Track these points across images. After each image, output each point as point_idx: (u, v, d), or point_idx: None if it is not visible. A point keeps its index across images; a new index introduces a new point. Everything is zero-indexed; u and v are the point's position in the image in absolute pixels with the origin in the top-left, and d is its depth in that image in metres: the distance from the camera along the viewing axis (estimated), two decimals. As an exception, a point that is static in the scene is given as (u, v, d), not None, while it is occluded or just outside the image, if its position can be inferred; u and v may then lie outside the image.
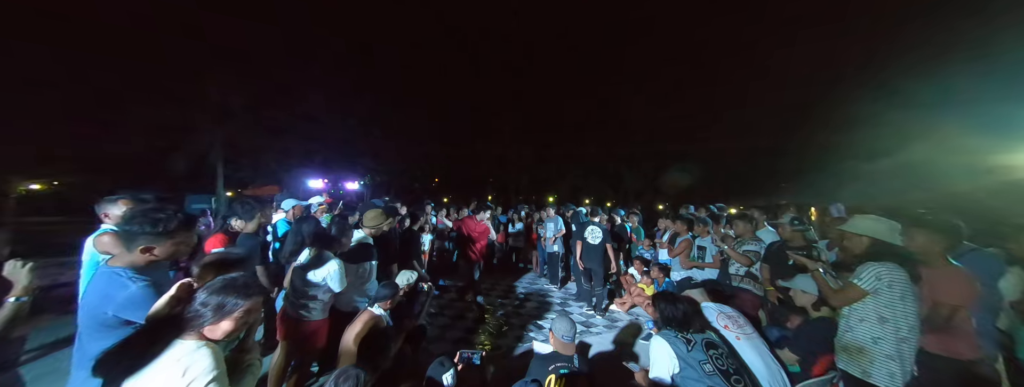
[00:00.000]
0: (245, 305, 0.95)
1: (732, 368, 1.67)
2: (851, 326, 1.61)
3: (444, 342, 3.18)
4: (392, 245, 3.31)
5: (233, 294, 0.94)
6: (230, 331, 0.95)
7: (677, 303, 1.88)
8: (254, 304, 0.98)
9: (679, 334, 1.76)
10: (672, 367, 1.66)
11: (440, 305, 4.27)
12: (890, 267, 1.52)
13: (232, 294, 0.94)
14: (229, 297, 0.93)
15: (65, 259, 5.21)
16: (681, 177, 17.93)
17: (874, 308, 1.54)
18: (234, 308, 0.94)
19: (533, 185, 21.74)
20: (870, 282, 1.54)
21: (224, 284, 0.95)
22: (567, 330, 1.95)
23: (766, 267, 2.92)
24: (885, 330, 1.50)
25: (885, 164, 11.88)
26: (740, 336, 1.98)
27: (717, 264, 3.33)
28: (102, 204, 1.89)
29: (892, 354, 1.48)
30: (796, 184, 15.44)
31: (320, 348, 2.09)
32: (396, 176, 20.46)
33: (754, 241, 3.09)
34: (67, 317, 2.77)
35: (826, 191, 11.91)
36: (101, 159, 14.52)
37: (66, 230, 2.35)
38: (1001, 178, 6.70)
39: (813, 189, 13.42)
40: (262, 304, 1.04)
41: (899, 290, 1.50)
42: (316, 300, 1.99)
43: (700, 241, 3.53)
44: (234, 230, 2.41)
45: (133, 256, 1.18)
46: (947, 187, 8.31)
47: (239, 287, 0.96)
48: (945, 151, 9.40)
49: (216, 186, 14.04)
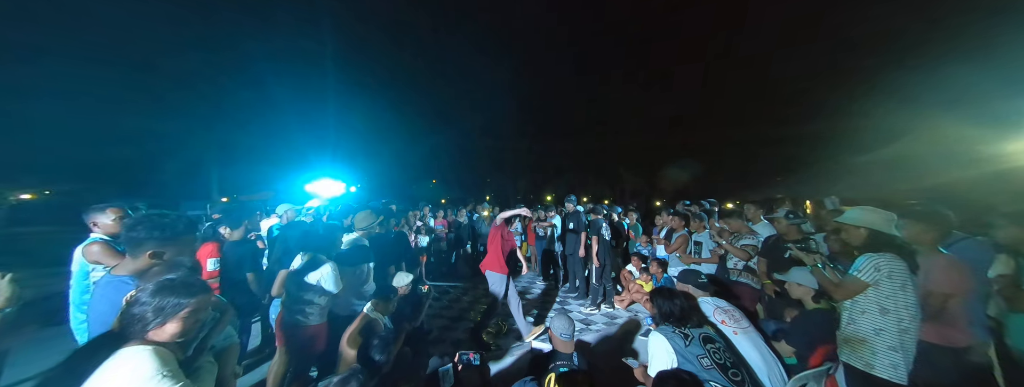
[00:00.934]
0: (189, 304, 0.93)
1: (730, 362, 1.67)
2: (853, 318, 1.61)
3: (444, 344, 3.17)
4: (386, 246, 3.30)
5: (172, 294, 0.91)
6: (179, 332, 0.93)
7: (674, 298, 1.88)
8: (199, 302, 0.96)
9: (677, 329, 1.77)
10: (670, 362, 1.67)
11: (439, 306, 4.26)
12: (888, 257, 1.52)
13: (170, 295, 0.91)
14: (168, 298, 0.91)
15: (56, 269, 5.13)
16: (678, 174, 18.04)
17: (875, 299, 1.53)
18: (176, 308, 0.91)
19: (531, 184, 21.77)
20: (870, 273, 1.53)
21: (161, 286, 0.93)
22: (566, 328, 1.95)
23: (763, 261, 2.94)
24: (887, 321, 1.50)
25: (878, 156, 12.03)
26: (737, 331, 1.99)
27: (715, 259, 3.35)
28: (90, 212, 1.85)
29: (895, 345, 1.48)
30: (791, 178, 15.58)
31: (319, 353, 2.08)
32: (394, 177, 20.40)
33: (751, 235, 3.11)
34: (55, 329, 2.73)
35: (821, 184, 12.03)
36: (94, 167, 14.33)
37: (58, 239, 2.32)
38: (990, 168, 6.82)
39: (808, 182, 13.54)
40: (209, 301, 1.00)
41: (899, 280, 1.49)
42: (312, 304, 1.97)
43: (697, 236, 3.55)
44: (222, 238, 2.39)
45: (138, 263, 1.18)
46: (938, 178, 8.43)
47: (177, 287, 0.93)
48: (935, 142, 9.54)
49: (210, 192, 13.91)
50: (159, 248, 1.19)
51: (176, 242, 1.22)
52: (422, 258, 5.19)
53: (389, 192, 19.44)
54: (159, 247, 1.18)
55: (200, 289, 0.98)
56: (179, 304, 0.92)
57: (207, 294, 1.00)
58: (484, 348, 2.99)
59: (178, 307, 0.92)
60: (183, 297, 0.93)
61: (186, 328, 0.94)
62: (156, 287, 0.92)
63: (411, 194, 19.36)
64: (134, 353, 0.86)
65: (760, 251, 3.00)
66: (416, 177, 22.13)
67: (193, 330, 0.97)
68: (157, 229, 1.17)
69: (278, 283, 2.13)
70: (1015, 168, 6.15)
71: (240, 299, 2.30)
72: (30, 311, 3.01)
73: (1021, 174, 5.98)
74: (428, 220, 5.69)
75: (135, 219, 1.22)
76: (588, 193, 19.50)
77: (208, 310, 1.02)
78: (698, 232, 3.55)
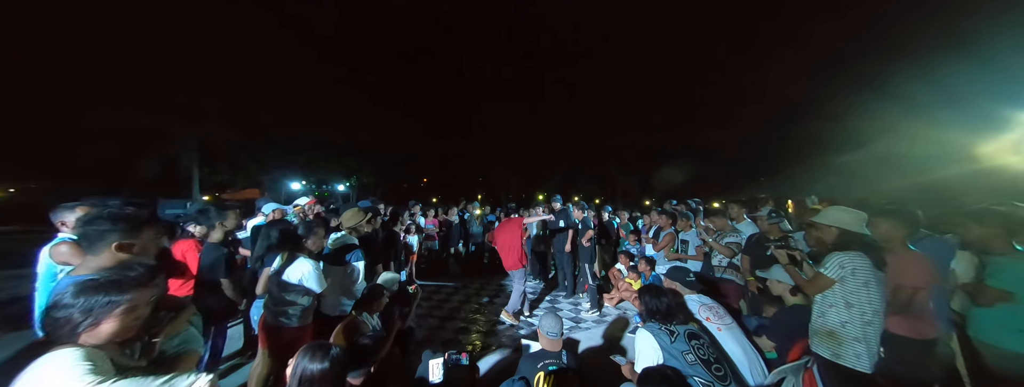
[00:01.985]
0: (122, 301, 0.87)
1: (713, 357, 1.72)
2: (822, 312, 1.70)
3: (433, 344, 3.15)
4: (376, 245, 3.26)
5: (99, 293, 0.86)
6: (115, 332, 0.87)
7: (661, 296, 1.92)
8: (135, 299, 0.89)
9: (663, 326, 1.81)
10: (656, 358, 1.70)
11: (429, 306, 4.23)
12: (853, 256, 1.61)
13: (97, 293, 0.86)
14: (95, 296, 0.85)
15: (23, 271, 4.89)
16: (668, 174, 18.36)
17: (841, 295, 1.62)
18: (107, 307, 0.85)
19: (522, 184, 21.79)
20: (835, 271, 1.62)
21: (85, 285, 0.87)
22: (553, 327, 1.97)
23: (747, 258, 3.03)
24: (851, 314, 1.59)
25: (857, 156, 12.48)
26: (721, 327, 2.05)
27: (700, 256, 3.43)
28: (59, 211, 1.78)
29: (859, 336, 1.57)
30: (775, 178, 16.03)
31: None
32: (383, 176, 20.10)
33: (735, 233, 3.20)
34: (24, 333, 2.60)
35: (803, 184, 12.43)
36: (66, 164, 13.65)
37: (28, 240, 2.19)
38: (967, 167, 7.14)
39: (791, 182, 13.96)
40: (150, 298, 0.94)
41: (862, 277, 1.58)
42: (295, 305, 1.93)
43: (683, 235, 3.63)
44: (196, 236, 2.30)
45: (101, 260, 1.12)
46: (915, 177, 8.79)
47: (105, 285, 0.88)
48: (914, 142, 9.95)
49: (192, 191, 13.43)
50: (126, 240, 1.13)
51: (140, 234, 1.16)
52: (412, 257, 5.15)
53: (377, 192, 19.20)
54: (126, 239, 1.13)
55: (135, 285, 0.91)
56: (111, 302, 0.86)
57: (147, 290, 0.93)
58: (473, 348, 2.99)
59: (110, 305, 0.85)
60: (115, 294, 0.86)
61: (124, 326, 0.88)
62: (79, 287, 0.86)
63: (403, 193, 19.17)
64: (61, 354, 0.80)
65: (743, 248, 3.09)
66: (408, 176, 21.86)
67: (133, 329, 0.91)
68: (118, 221, 1.11)
69: (262, 283, 2.07)
70: (990, 167, 6.44)
71: (215, 303, 2.23)
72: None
73: (996, 173, 6.25)
74: (418, 219, 5.64)
75: (91, 215, 1.15)
76: (579, 192, 19.67)
77: (149, 307, 0.95)
78: (684, 230, 3.62)
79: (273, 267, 2.00)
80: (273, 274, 1.96)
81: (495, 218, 6.85)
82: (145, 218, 1.19)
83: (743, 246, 3.09)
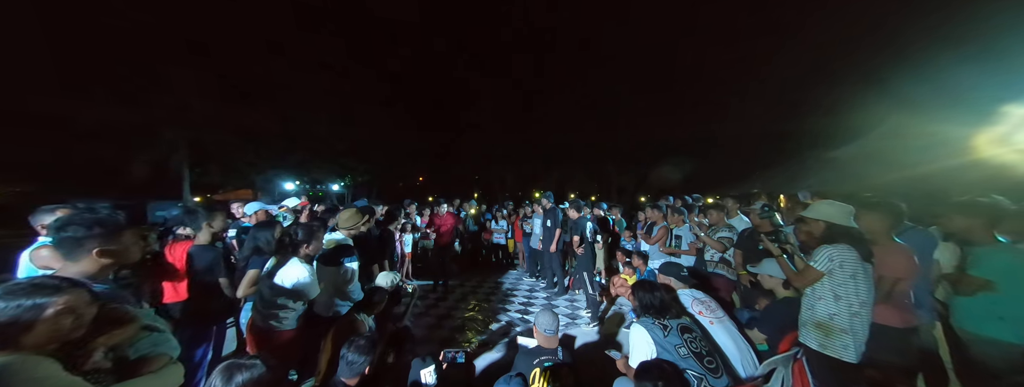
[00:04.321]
0: (50, 304, 0.83)
1: (705, 350, 1.74)
2: (811, 305, 1.72)
3: (430, 343, 3.16)
4: (371, 245, 3.23)
5: (20, 297, 0.82)
6: (50, 337, 0.83)
7: (655, 291, 1.94)
8: (66, 303, 0.85)
9: (656, 320, 1.82)
10: (650, 352, 1.72)
11: (425, 305, 4.23)
12: (841, 248, 1.63)
13: (22, 297, 0.82)
14: (16, 299, 0.81)
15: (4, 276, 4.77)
16: (663, 170, 18.47)
17: (829, 287, 1.65)
18: (33, 310, 0.82)
19: (518, 181, 21.78)
20: (824, 263, 1.65)
21: (5, 290, 0.83)
22: (549, 323, 1.98)
23: (739, 252, 3.07)
24: (839, 306, 1.62)
25: (849, 151, 12.64)
26: (713, 321, 2.07)
27: (693, 251, 3.47)
28: (38, 214, 1.73)
29: (846, 328, 1.60)
30: (768, 173, 16.21)
31: (295, 359, 2.02)
32: (379, 175, 19.94)
33: (727, 228, 3.24)
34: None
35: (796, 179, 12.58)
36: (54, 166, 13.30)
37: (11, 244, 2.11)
38: (955, 160, 7.27)
39: (784, 177, 14.13)
40: (85, 300, 0.90)
41: (850, 269, 1.61)
42: (287, 309, 1.90)
43: (677, 230, 3.66)
44: (186, 238, 2.27)
45: (81, 265, 1.09)
46: (904, 171, 8.93)
47: (26, 289, 0.83)
48: (904, 136, 10.09)
49: (182, 192, 13.20)
50: (104, 245, 1.09)
51: (119, 238, 1.12)
52: (407, 256, 5.13)
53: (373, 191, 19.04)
54: (104, 244, 1.09)
55: (62, 288, 0.86)
56: (35, 305, 0.82)
57: (80, 291, 0.89)
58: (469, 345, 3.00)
59: (36, 308, 0.82)
60: (38, 297, 0.83)
61: (59, 330, 0.84)
62: (5, 290, 0.82)
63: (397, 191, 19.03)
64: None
65: (735, 243, 3.13)
66: (403, 174, 21.71)
67: (72, 333, 0.87)
68: (95, 225, 1.07)
69: (246, 284, 2.03)
70: (977, 160, 6.56)
71: (209, 304, 2.20)
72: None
73: (982, 166, 6.37)
74: (414, 218, 5.60)
75: (64, 219, 1.10)
76: (575, 189, 19.72)
77: (90, 309, 0.90)
78: (677, 226, 3.66)
79: (264, 269, 1.97)
80: (265, 276, 1.93)
81: (491, 216, 6.83)
82: (123, 221, 1.15)
83: (735, 241, 3.13)
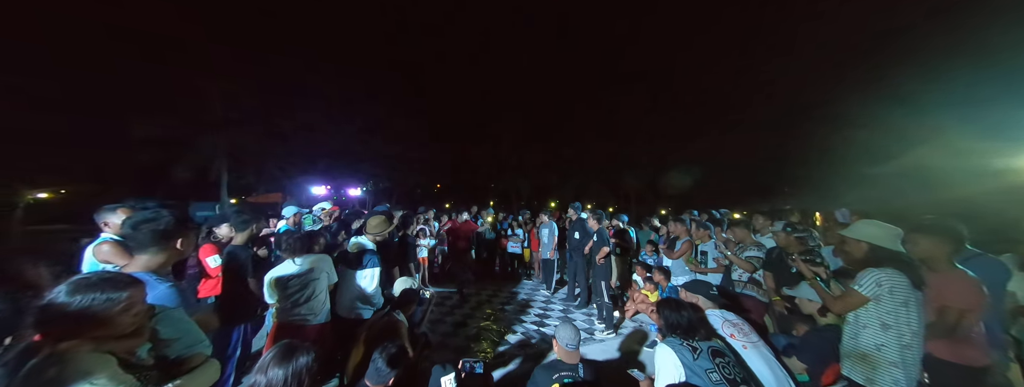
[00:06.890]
0: (121, 299, 0.85)
1: (739, 377, 1.63)
2: (855, 333, 1.59)
3: (446, 350, 3.15)
4: (392, 250, 3.32)
5: (95, 290, 0.84)
6: (113, 331, 0.85)
7: (682, 310, 1.85)
8: (131, 299, 0.88)
9: (684, 342, 1.73)
10: (678, 376, 1.63)
11: (441, 312, 4.23)
12: (891, 273, 1.50)
13: (94, 290, 0.84)
14: (91, 293, 0.83)
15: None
16: (684, 181, 17.87)
17: (876, 315, 1.52)
18: (106, 304, 0.83)
19: (535, 190, 21.72)
20: (871, 288, 1.52)
21: (78, 283, 0.85)
22: (571, 337, 1.93)
23: (770, 275, 2.88)
24: (888, 336, 1.48)
25: (892, 168, 11.78)
26: (747, 345, 1.94)
27: (720, 269, 3.30)
28: (101, 212, 1.89)
29: (896, 361, 1.46)
30: (801, 189, 15.29)
31: (326, 351, 2.06)
32: (398, 182, 20.54)
33: (756, 246, 3.07)
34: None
35: (832, 196, 11.79)
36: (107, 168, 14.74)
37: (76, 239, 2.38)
38: (1010, 180, 6.62)
39: (818, 194, 13.28)
40: (143, 296, 0.94)
41: (901, 296, 1.48)
42: (313, 302, 1.97)
43: (702, 246, 3.50)
44: (219, 239, 2.39)
45: (149, 260, 1.20)
46: (955, 190, 8.21)
47: (99, 283, 0.85)
48: (951, 154, 9.31)
49: (220, 194, 14.15)
50: (178, 240, 1.25)
51: (188, 234, 1.29)
52: (422, 261, 5.19)
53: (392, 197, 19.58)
54: (172, 240, 1.23)
55: (131, 284, 0.90)
56: (109, 299, 0.84)
57: (141, 288, 0.93)
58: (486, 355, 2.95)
59: (111, 303, 0.84)
60: (112, 292, 0.84)
61: (121, 326, 0.86)
62: (72, 286, 0.83)
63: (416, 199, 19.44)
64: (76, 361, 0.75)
65: (764, 264, 2.94)
66: (421, 181, 22.24)
67: (129, 328, 0.89)
68: (173, 222, 1.22)
69: (267, 287, 2.12)
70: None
71: (240, 305, 2.30)
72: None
73: None
74: (432, 225, 5.70)
75: (135, 218, 1.22)
76: (592, 200, 19.40)
77: (145, 306, 0.94)
78: (702, 241, 3.50)
79: (288, 271, 2.05)
80: (287, 277, 2.01)
81: (507, 225, 6.83)
82: (187, 220, 1.30)
83: (763, 260, 2.95)
